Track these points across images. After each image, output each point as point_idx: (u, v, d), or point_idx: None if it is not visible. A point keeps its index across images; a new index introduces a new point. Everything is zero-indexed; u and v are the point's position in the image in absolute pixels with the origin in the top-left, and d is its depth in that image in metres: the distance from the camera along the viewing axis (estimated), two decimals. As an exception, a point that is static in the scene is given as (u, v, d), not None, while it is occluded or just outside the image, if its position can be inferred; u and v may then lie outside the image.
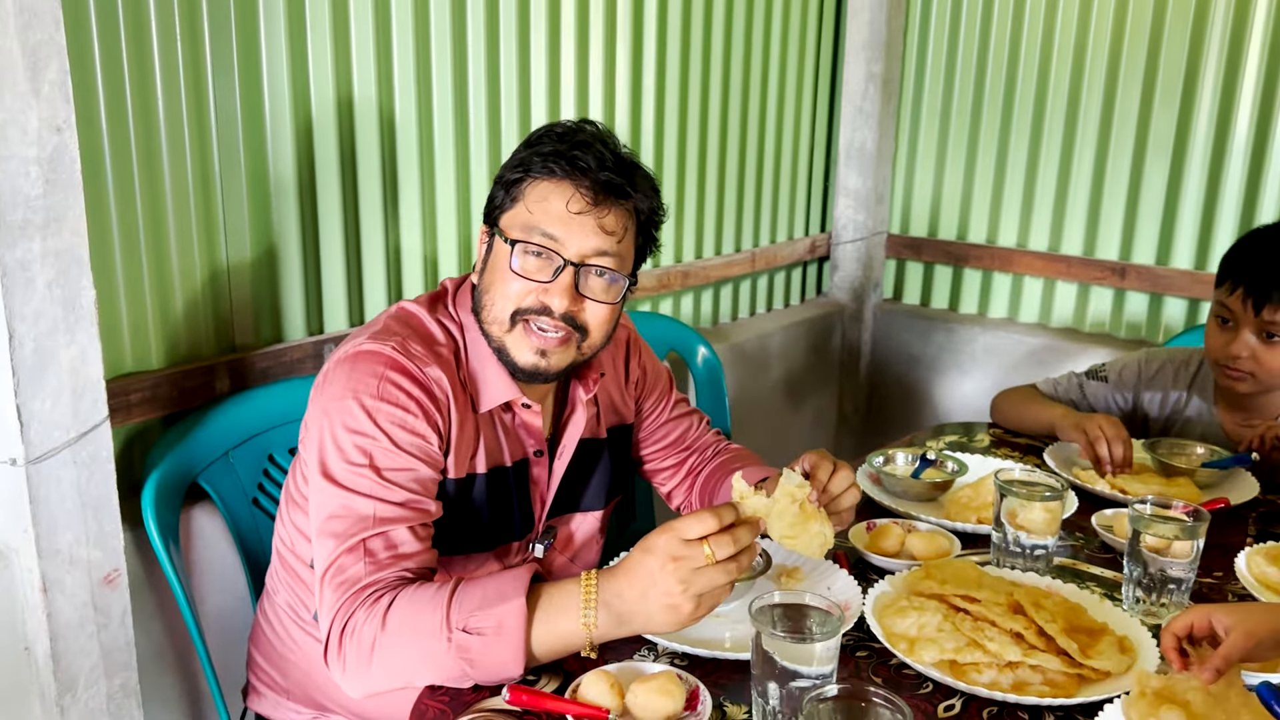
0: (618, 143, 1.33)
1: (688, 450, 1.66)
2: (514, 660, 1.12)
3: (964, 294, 3.25)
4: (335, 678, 1.19)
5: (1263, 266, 1.77)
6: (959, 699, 1.15)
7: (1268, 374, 1.81)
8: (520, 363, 1.32)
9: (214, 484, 1.62)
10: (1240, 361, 1.81)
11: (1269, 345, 1.79)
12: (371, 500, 1.22)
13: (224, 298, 1.73)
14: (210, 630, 1.63)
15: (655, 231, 1.39)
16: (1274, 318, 1.76)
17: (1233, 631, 1.07)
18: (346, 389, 1.25)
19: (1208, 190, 2.74)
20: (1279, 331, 1.77)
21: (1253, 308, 1.77)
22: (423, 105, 1.96)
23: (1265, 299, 1.75)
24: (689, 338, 2.43)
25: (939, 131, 3.18)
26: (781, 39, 2.93)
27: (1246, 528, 1.66)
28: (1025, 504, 1.40)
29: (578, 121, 1.33)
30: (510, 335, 1.31)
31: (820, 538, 1.24)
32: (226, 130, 1.66)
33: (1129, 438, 1.78)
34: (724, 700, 1.14)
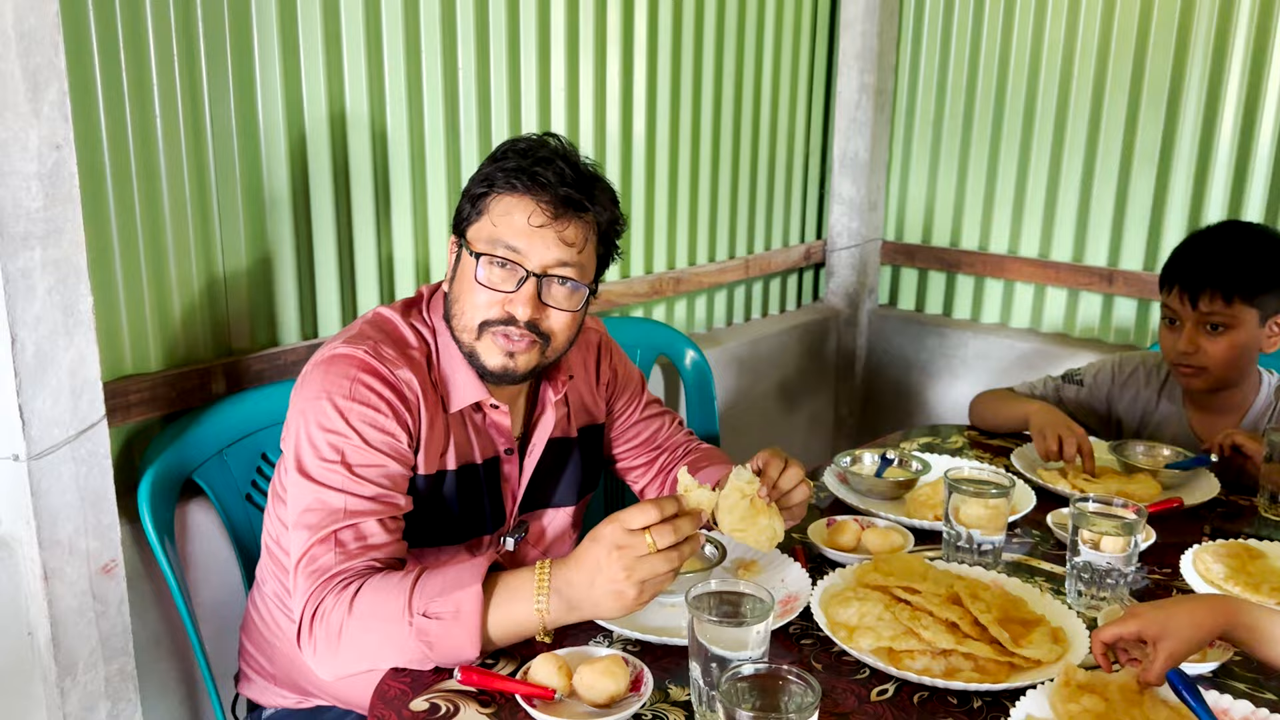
0: (579, 157, 1.40)
1: (659, 449, 1.73)
2: (470, 644, 1.19)
3: (957, 300, 3.30)
4: (306, 660, 1.27)
5: (1194, 262, 1.87)
6: (892, 684, 1.21)
7: (1217, 365, 1.87)
8: (490, 366, 1.39)
9: (209, 480, 1.71)
10: (1190, 357, 1.88)
11: (1212, 336, 1.86)
12: (343, 494, 1.30)
13: (220, 304, 1.81)
14: (205, 620, 1.72)
15: (616, 240, 1.46)
16: (1211, 308, 1.84)
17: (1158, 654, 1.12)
18: (321, 389, 1.33)
19: (1193, 198, 2.78)
20: (1219, 321, 1.85)
21: (1189, 302, 1.86)
22: (414, 118, 2.05)
23: (1199, 291, 1.84)
24: (677, 341, 2.50)
25: (931, 140, 3.23)
26: (775, 50, 3.00)
27: (1203, 526, 1.71)
28: (968, 500, 1.46)
29: (540, 136, 1.40)
30: (480, 342, 1.39)
31: (769, 531, 1.32)
32: (222, 145, 1.75)
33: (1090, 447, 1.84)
34: (669, 683, 1.21)
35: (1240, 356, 1.87)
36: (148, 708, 1.67)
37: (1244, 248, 1.87)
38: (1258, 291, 1.83)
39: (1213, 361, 1.87)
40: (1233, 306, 1.83)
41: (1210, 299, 1.83)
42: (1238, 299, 1.83)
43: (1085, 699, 1.11)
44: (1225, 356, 1.86)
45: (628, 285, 2.64)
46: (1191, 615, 1.15)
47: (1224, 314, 1.84)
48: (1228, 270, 1.84)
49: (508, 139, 1.43)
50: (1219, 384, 1.92)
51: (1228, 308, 1.83)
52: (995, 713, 1.15)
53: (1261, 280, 1.84)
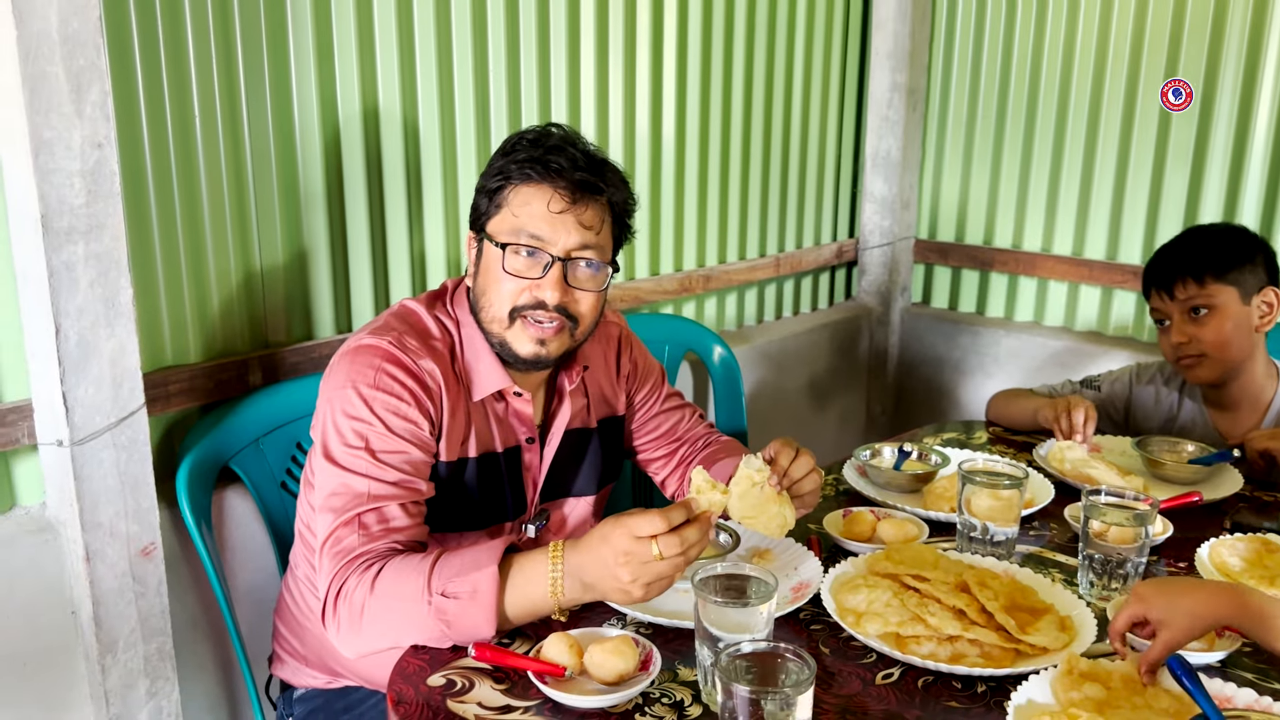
0: (586, 142, 1.44)
1: (679, 441, 1.76)
2: (487, 622, 1.24)
3: (990, 298, 3.29)
4: (330, 638, 1.32)
5: (1161, 260, 1.96)
6: (898, 669, 1.24)
7: (1213, 348, 1.90)
8: (522, 354, 1.44)
9: (245, 468, 1.77)
10: (1185, 347, 1.92)
11: (1198, 321, 1.90)
12: (367, 479, 1.35)
13: (257, 298, 1.88)
14: (241, 603, 1.78)
15: (629, 220, 1.50)
16: (1187, 293, 1.90)
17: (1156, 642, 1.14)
18: (347, 379, 1.39)
19: (1227, 196, 2.75)
20: (1199, 304, 1.89)
21: (1168, 296, 1.92)
22: (445, 114, 2.10)
23: (1172, 280, 1.91)
24: (705, 337, 2.53)
25: (964, 139, 3.23)
26: (806, 48, 3.02)
27: (1224, 521, 1.70)
28: (980, 491, 1.47)
29: (545, 126, 1.45)
30: (510, 331, 1.43)
31: (779, 519, 1.34)
32: (259, 142, 1.81)
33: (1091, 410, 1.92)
34: (678, 664, 1.24)
35: (1232, 337, 1.89)
36: (185, 686, 1.74)
37: (1204, 237, 1.98)
38: (1227, 268, 1.88)
39: (1207, 346, 1.90)
40: (1207, 286, 1.88)
41: (1185, 285, 1.90)
42: (1210, 278, 1.88)
43: (1086, 686, 1.13)
44: (1217, 338, 1.89)
45: (657, 282, 2.67)
46: (1193, 604, 1.16)
47: (1202, 295, 1.89)
48: (1194, 255, 1.91)
49: (513, 133, 1.47)
50: (1223, 370, 1.94)
51: (1202, 289, 1.89)
52: (999, 698, 1.17)
53: (1228, 258, 1.89)
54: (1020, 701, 1.12)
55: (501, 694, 1.18)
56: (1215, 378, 1.95)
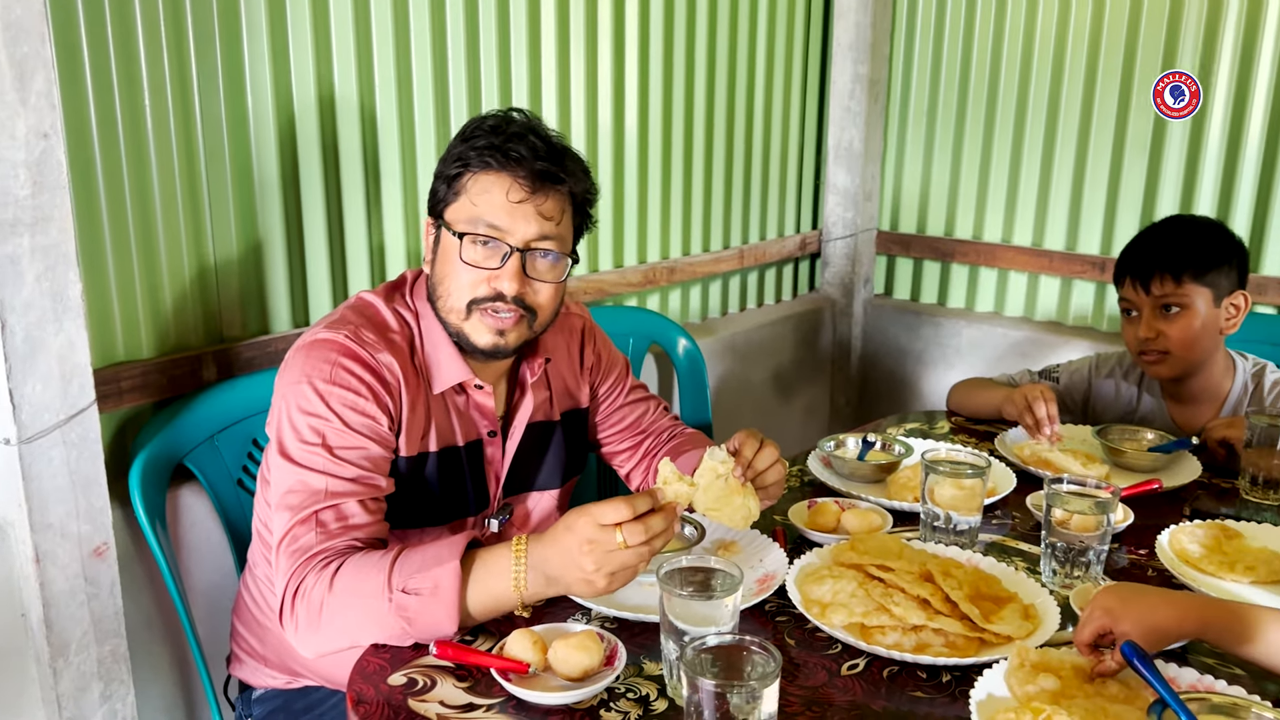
0: (547, 129, 1.42)
1: (643, 434, 1.75)
2: (449, 619, 1.22)
3: (951, 289, 3.31)
4: (289, 638, 1.29)
5: (1140, 250, 1.93)
6: (863, 659, 1.24)
7: (1179, 347, 1.90)
8: (481, 345, 1.42)
9: (200, 466, 1.74)
10: (1151, 343, 1.92)
11: (1168, 318, 1.90)
12: (324, 476, 1.32)
13: (211, 292, 1.84)
14: (198, 603, 1.75)
15: (590, 209, 1.48)
16: (1163, 290, 1.88)
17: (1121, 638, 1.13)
18: (302, 374, 1.36)
19: (1184, 186, 2.79)
20: (1172, 302, 1.89)
21: (1142, 289, 1.91)
22: (404, 102, 2.06)
23: (1149, 275, 1.89)
24: (670, 330, 2.52)
25: (925, 130, 3.25)
26: (768, 39, 3.01)
27: (1184, 508, 1.72)
28: (943, 481, 1.47)
29: (505, 112, 1.42)
30: (468, 322, 1.41)
31: (744, 511, 1.34)
32: (212, 131, 1.77)
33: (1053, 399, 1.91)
34: (644, 658, 1.23)
35: (1199, 337, 1.90)
36: (140, 689, 1.70)
37: (1189, 232, 1.94)
38: (1206, 269, 1.88)
39: (1173, 344, 1.90)
40: (1183, 286, 1.88)
41: (1161, 281, 1.88)
42: (1187, 278, 1.87)
43: (1041, 678, 1.13)
44: (1184, 337, 1.89)
45: (621, 275, 2.66)
46: (1161, 622, 1.15)
47: (1176, 294, 1.88)
48: (1175, 252, 1.89)
49: (473, 117, 1.44)
50: (1184, 368, 1.94)
51: (1179, 288, 1.88)
52: (963, 687, 1.17)
53: (1208, 259, 1.88)
54: (981, 697, 1.12)
55: (464, 692, 1.16)
56: (1176, 375, 1.96)
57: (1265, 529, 1.57)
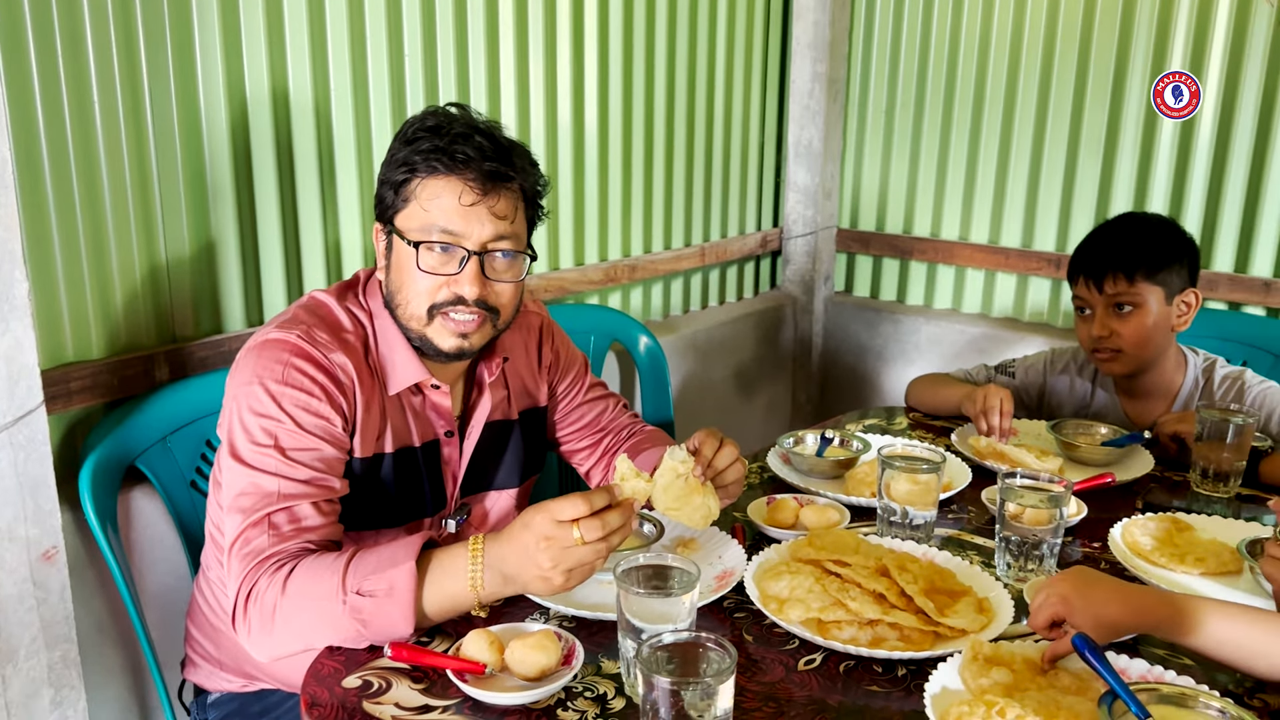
0: (488, 122, 1.40)
1: (603, 432, 1.74)
2: (404, 620, 1.20)
3: (910, 286, 3.34)
4: (242, 642, 1.27)
5: (1094, 249, 1.95)
6: (820, 654, 1.24)
7: (1132, 345, 1.93)
8: (445, 348, 1.40)
9: (152, 467, 1.71)
10: (1104, 341, 1.94)
11: (1122, 317, 1.92)
12: (277, 478, 1.30)
13: (163, 291, 1.81)
14: (151, 606, 1.72)
15: (541, 201, 1.47)
16: (1116, 289, 1.91)
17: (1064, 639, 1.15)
18: (253, 375, 1.34)
19: (1138, 184, 2.83)
20: (1125, 301, 1.91)
21: (1096, 287, 1.93)
22: (359, 98, 2.04)
23: (1103, 274, 1.91)
24: (631, 328, 2.52)
25: (884, 129, 3.27)
26: (728, 38, 3.02)
27: (1136, 501, 1.75)
28: (899, 476, 1.48)
29: (442, 109, 1.40)
30: (430, 327, 1.40)
31: (703, 510, 1.34)
32: (163, 129, 1.75)
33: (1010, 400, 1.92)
34: (602, 657, 1.23)
35: (1152, 335, 1.92)
36: (92, 694, 1.67)
37: (1142, 231, 1.96)
38: (1158, 268, 1.90)
39: (1126, 342, 1.92)
40: (1136, 285, 1.90)
41: (1115, 280, 1.91)
42: (1140, 277, 1.90)
43: (994, 671, 1.14)
44: (1137, 336, 1.92)
45: (582, 273, 2.65)
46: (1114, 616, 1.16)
47: (1129, 293, 1.90)
48: (1128, 252, 1.91)
49: (412, 117, 1.41)
50: (1137, 365, 1.97)
51: (1132, 287, 1.90)
52: (919, 680, 1.17)
53: (1161, 258, 1.91)
54: (935, 690, 1.12)
55: (420, 694, 1.15)
56: (1129, 372, 1.99)
57: (1215, 521, 1.60)
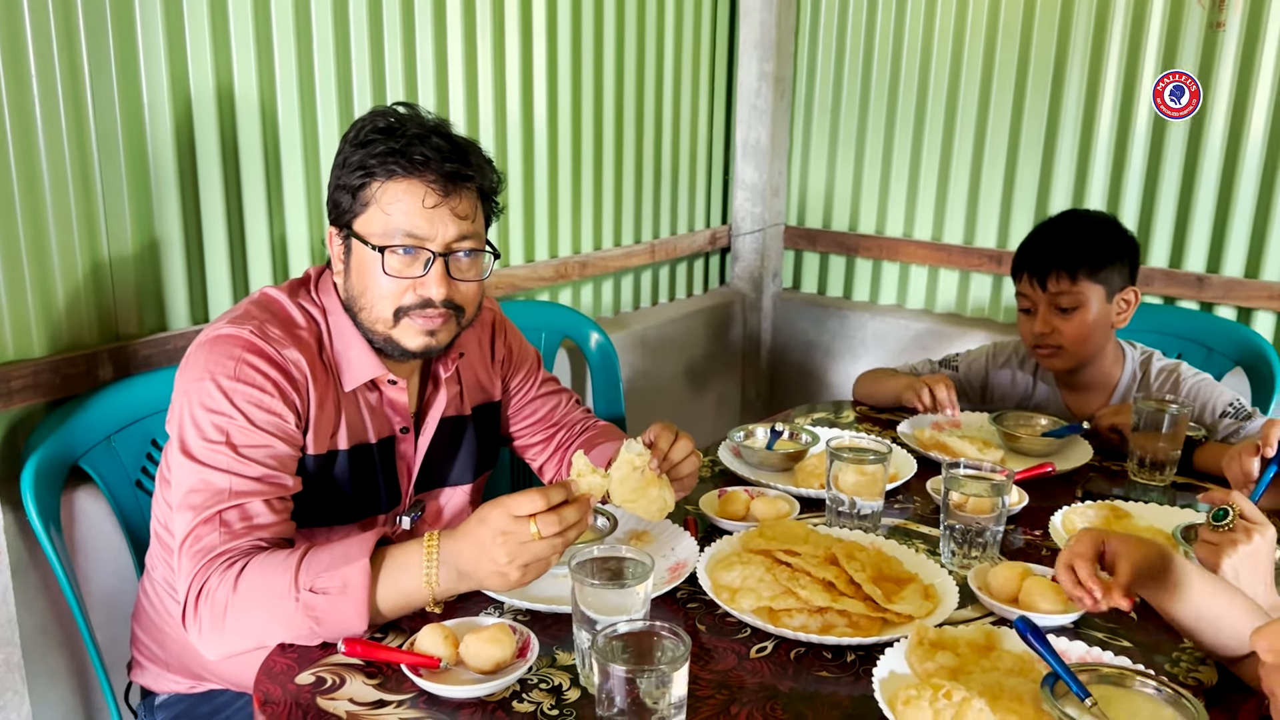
0: (439, 121, 1.40)
1: (556, 426, 1.75)
2: (358, 617, 1.20)
3: (856, 282, 3.39)
4: (192, 641, 1.26)
5: (1039, 248, 1.99)
6: (771, 642, 1.26)
7: (1072, 343, 1.98)
8: (413, 348, 1.40)
9: (96, 467, 1.68)
10: (1046, 338, 1.99)
11: (1064, 316, 1.97)
12: (228, 475, 1.29)
13: (106, 288, 1.78)
14: (95, 608, 1.69)
15: (496, 197, 1.47)
16: (1059, 288, 1.95)
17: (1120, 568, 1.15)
18: (204, 370, 1.33)
19: (1076, 182, 2.90)
20: (1067, 299, 1.95)
21: (1039, 285, 1.97)
22: (305, 94, 2.02)
23: (1047, 273, 1.96)
24: (582, 324, 2.52)
25: (830, 127, 3.31)
26: (676, 36, 3.04)
27: (1076, 490, 1.80)
28: (847, 467, 1.51)
29: (391, 109, 1.39)
30: (397, 328, 1.40)
31: (659, 502, 1.36)
32: (105, 125, 1.72)
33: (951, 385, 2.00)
34: (557, 649, 1.24)
35: (1092, 333, 1.97)
36: (36, 698, 1.64)
37: (1084, 230, 2.00)
38: (1100, 267, 1.95)
39: (1067, 340, 1.97)
40: (1079, 284, 1.94)
41: (1058, 279, 1.95)
42: (1083, 276, 1.94)
43: (939, 655, 1.17)
44: (1078, 334, 1.97)
45: (532, 269, 2.66)
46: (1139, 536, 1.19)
47: (1071, 292, 1.95)
48: (1071, 251, 1.95)
49: (361, 118, 1.40)
50: (1077, 362, 2.03)
51: (1074, 286, 1.94)
52: (867, 666, 1.20)
53: (1102, 257, 1.95)
54: (883, 675, 1.15)
55: (374, 689, 1.15)
56: (1069, 367, 2.04)
57: (1152, 508, 1.66)
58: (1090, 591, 1.14)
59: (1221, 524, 1.27)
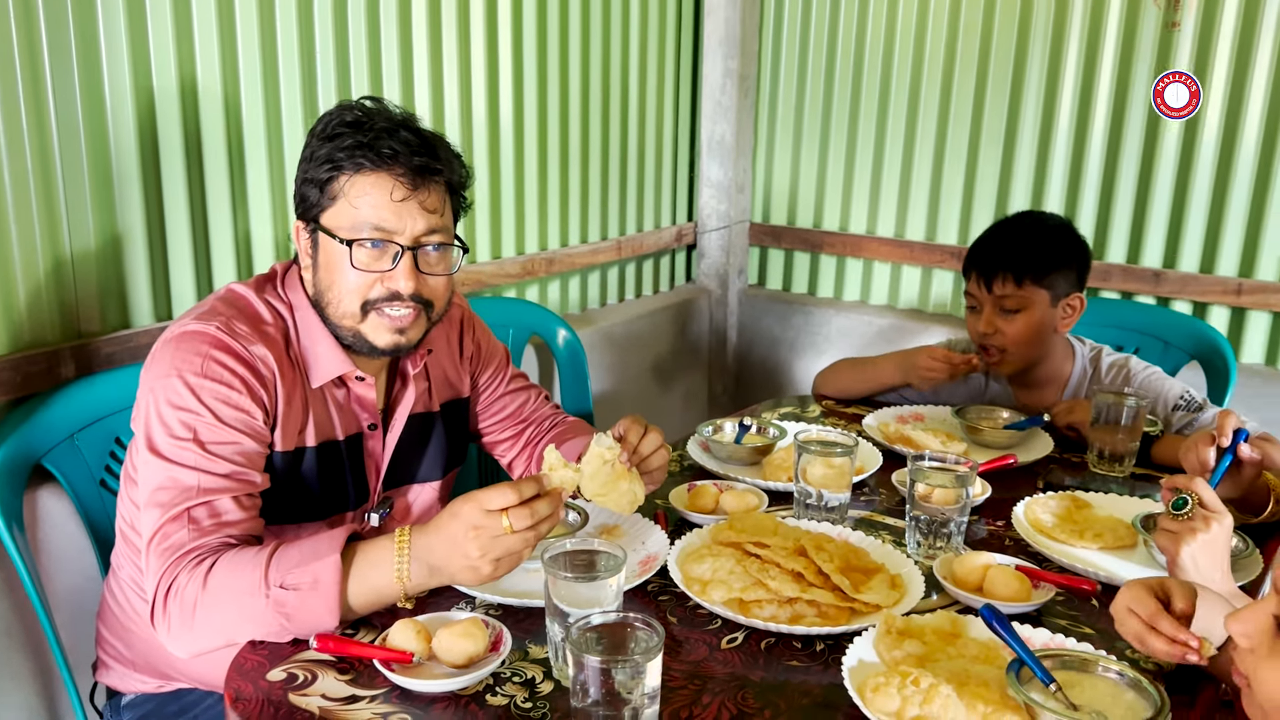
0: (407, 116, 1.40)
1: (525, 423, 1.75)
2: (329, 613, 1.20)
3: (821, 279, 3.42)
4: (161, 639, 1.25)
5: (988, 249, 2.03)
6: (741, 632, 1.28)
7: (1015, 345, 2.01)
8: (381, 345, 1.40)
9: (59, 466, 1.66)
10: (990, 339, 2.02)
11: (1007, 318, 2.00)
12: (196, 472, 1.28)
13: (68, 286, 1.76)
14: (59, 608, 1.67)
15: (464, 192, 1.47)
16: (1004, 290, 1.98)
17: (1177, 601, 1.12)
18: (171, 367, 1.32)
19: (1035, 178, 2.95)
20: (1011, 305, 1.99)
21: (986, 286, 2.00)
22: (269, 91, 2.01)
23: (993, 275, 1.99)
24: (550, 321, 2.52)
25: (794, 125, 3.34)
26: (641, 33, 3.04)
27: (1037, 481, 1.83)
28: (815, 460, 1.53)
29: (357, 104, 1.39)
30: (365, 323, 1.39)
31: (630, 495, 1.36)
32: (66, 120, 1.69)
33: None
34: (529, 643, 1.24)
35: (1034, 336, 2.01)
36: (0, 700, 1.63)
37: (1033, 234, 2.03)
38: (1045, 273, 1.98)
39: (1009, 340, 2.00)
40: (1024, 288, 1.97)
41: (1003, 282, 1.98)
42: (1028, 280, 1.97)
43: (906, 644, 1.19)
44: (1020, 335, 2.00)
45: (499, 266, 2.65)
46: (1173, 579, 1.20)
47: (1016, 295, 1.98)
48: (1018, 254, 1.98)
49: (328, 112, 1.39)
50: (1021, 363, 2.06)
51: (1019, 289, 1.97)
52: (836, 655, 1.21)
53: (1048, 263, 1.98)
54: (852, 663, 1.17)
55: (346, 684, 1.15)
56: (1013, 372, 2.08)
57: (1112, 499, 1.69)
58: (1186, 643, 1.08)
59: (1181, 513, 1.30)
